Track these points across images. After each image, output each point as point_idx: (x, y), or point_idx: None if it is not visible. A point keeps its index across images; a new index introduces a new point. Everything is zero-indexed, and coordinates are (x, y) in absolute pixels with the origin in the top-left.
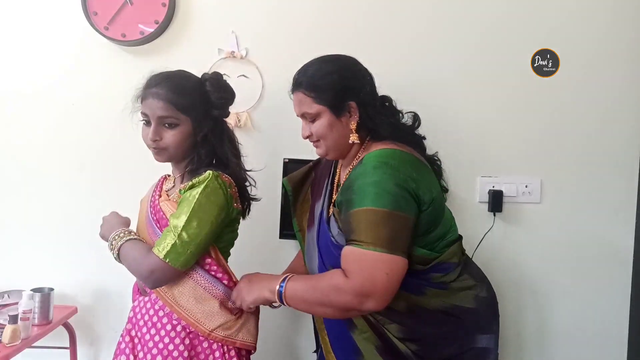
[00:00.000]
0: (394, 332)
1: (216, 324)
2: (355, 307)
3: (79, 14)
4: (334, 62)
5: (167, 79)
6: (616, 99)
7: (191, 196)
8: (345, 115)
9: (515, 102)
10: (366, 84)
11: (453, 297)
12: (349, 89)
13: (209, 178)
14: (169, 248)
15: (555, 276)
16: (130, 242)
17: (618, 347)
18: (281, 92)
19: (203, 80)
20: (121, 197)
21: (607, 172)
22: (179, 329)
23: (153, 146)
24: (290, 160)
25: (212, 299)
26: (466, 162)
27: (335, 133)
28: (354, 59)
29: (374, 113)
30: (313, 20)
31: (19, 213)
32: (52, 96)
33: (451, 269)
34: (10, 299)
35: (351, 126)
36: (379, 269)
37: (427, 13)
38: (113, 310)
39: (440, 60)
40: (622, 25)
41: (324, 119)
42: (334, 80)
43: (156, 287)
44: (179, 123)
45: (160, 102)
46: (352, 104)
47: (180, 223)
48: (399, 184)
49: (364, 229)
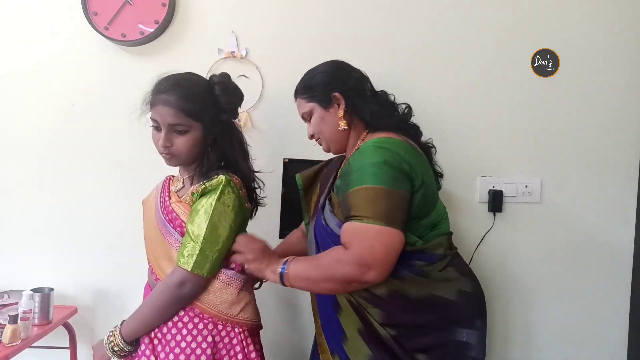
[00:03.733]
0: (375, 317)
1: (238, 309)
2: (356, 278)
3: (79, 14)
4: (323, 65)
5: (177, 84)
6: (616, 98)
7: (207, 203)
8: (333, 106)
9: (515, 102)
10: (352, 77)
11: (433, 287)
12: (333, 82)
13: (223, 183)
14: (194, 259)
15: (555, 276)
16: (126, 324)
17: (618, 347)
18: (281, 92)
19: (212, 83)
20: (121, 197)
21: (607, 172)
22: (201, 327)
23: (165, 152)
24: (290, 160)
25: (230, 288)
26: (466, 162)
27: (327, 125)
28: (343, 62)
29: (360, 102)
30: (313, 20)
31: (19, 213)
32: (52, 96)
33: (435, 259)
34: (10, 299)
35: (339, 114)
36: (378, 240)
37: (427, 13)
38: (113, 310)
39: (440, 60)
40: (622, 25)
41: (316, 114)
42: (320, 78)
43: (189, 301)
44: (189, 129)
45: (171, 110)
46: (336, 94)
47: (202, 232)
48: (394, 165)
49: (363, 205)
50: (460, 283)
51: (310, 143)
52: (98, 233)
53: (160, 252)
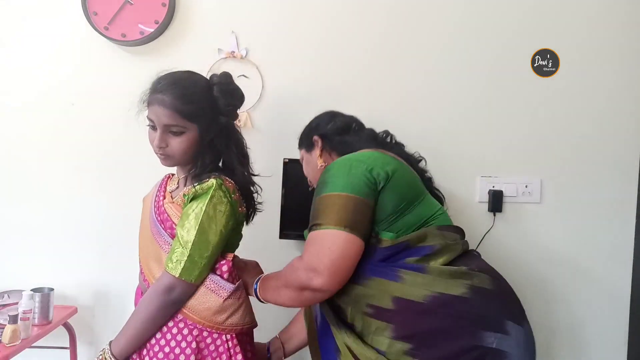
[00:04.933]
0: (387, 334)
1: (224, 316)
2: (305, 283)
3: (79, 14)
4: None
5: (174, 84)
6: (616, 98)
7: (197, 208)
8: (315, 148)
9: (515, 102)
10: (336, 120)
11: (438, 284)
12: (315, 127)
13: (213, 187)
14: (182, 265)
15: (555, 276)
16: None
17: (618, 347)
18: (281, 92)
19: (211, 84)
20: (121, 196)
21: (607, 172)
22: (185, 332)
23: (159, 152)
24: (291, 160)
25: (213, 296)
26: (466, 162)
27: (310, 165)
28: (333, 111)
29: (337, 138)
30: (313, 20)
31: (19, 213)
32: (52, 96)
33: (427, 251)
34: (10, 299)
35: (317, 154)
36: (323, 243)
37: (427, 13)
38: (113, 310)
39: (440, 60)
40: (622, 25)
41: (304, 160)
42: (307, 127)
43: (178, 307)
44: (184, 131)
45: (166, 110)
46: (315, 137)
47: (191, 237)
48: (350, 168)
49: (315, 213)
50: (472, 279)
51: None
52: (98, 233)
53: (151, 252)
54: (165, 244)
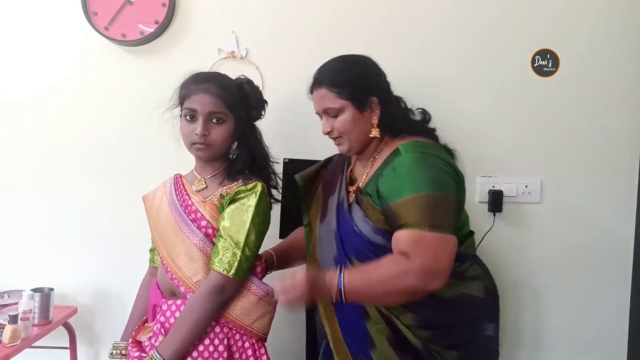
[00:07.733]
0: (407, 321)
1: (253, 317)
2: (421, 288)
3: (79, 14)
4: (354, 59)
5: (214, 77)
6: (616, 98)
7: (245, 207)
8: (368, 110)
9: (515, 102)
10: (383, 80)
11: (463, 286)
12: (370, 85)
13: (261, 190)
14: (236, 265)
15: (555, 276)
16: (166, 349)
17: (618, 347)
18: (281, 92)
19: (240, 83)
20: (121, 196)
21: (607, 172)
22: (217, 330)
23: (200, 141)
24: (290, 160)
25: (249, 295)
26: (466, 162)
27: (358, 128)
28: (370, 58)
29: (392, 109)
30: (313, 20)
31: (19, 213)
32: (52, 96)
33: (466, 259)
34: (10, 299)
35: (373, 121)
36: (442, 248)
37: (427, 13)
38: (113, 310)
39: (440, 60)
40: (622, 25)
41: (347, 114)
42: (355, 76)
43: (228, 306)
44: (225, 120)
45: (212, 98)
46: (374, 99)
47: (242, 238)
48: (441, 168)
49: (420, 212)
50: (484, 280)
51: (309, 143)
52: (98, 233)
53: (180, 250)
54: (200, 242)
